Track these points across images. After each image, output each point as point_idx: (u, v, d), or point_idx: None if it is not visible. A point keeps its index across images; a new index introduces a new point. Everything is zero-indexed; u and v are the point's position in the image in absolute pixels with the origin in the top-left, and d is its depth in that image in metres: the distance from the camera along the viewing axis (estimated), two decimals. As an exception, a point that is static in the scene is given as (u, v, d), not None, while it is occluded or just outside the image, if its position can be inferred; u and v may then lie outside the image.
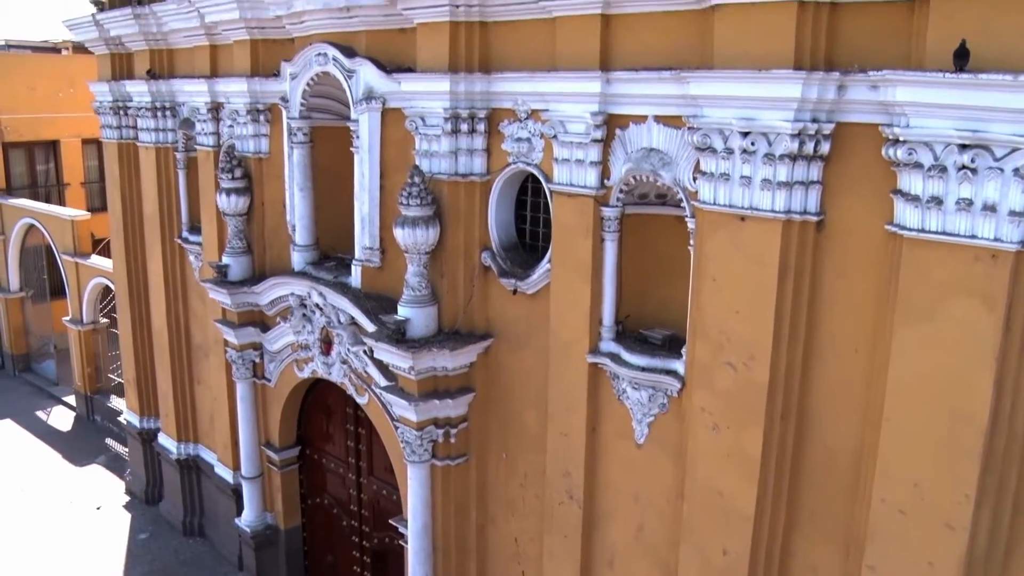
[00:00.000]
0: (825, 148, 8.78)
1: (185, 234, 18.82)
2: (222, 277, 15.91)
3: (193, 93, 17.28)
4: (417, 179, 12.07)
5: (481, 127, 11.94)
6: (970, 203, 7.70)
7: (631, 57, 10.19)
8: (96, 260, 26.19)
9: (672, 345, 10.77)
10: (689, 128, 9.50)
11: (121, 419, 23.63)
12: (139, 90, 18.65)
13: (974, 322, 7.83)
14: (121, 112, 19.67)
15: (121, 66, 19.60)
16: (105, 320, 27.00)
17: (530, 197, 12.49)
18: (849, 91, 8.52)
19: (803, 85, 8.43)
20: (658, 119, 10.08)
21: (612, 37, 10.32)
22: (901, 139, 7.95)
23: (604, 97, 10.34)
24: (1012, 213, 7.49)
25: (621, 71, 10.13)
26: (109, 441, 25.52)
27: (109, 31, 18.79)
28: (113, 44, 19.24)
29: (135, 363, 21.05)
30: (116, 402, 26.37)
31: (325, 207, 15.10)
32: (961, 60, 7.46)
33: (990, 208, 7.60)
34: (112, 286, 23.18)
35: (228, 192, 15.54)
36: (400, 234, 12.16)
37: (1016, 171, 7.42)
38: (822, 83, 8.46)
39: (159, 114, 18.42)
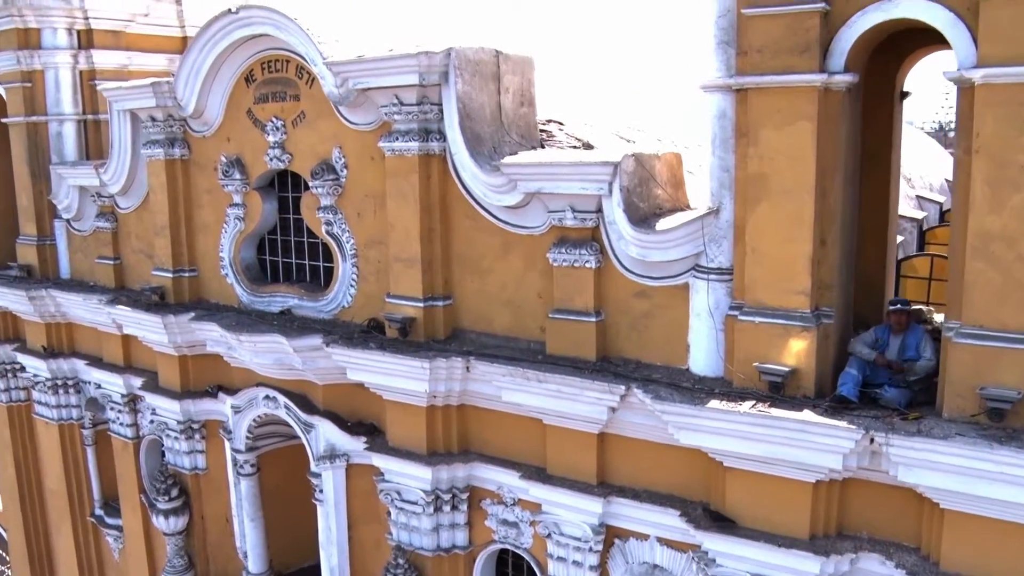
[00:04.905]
0: (839, 607, 9.16)
1: (99, 512, 17.38)
2: (163, 599, 14.84)
3: (104, 381, 15.97)
4: (401, 560, 11.69)
5: (463, 506, 11.67)
6: None
7: (631, 476, 10.26)
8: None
9: None
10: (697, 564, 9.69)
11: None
12: (34, 364, 17.04)
13: None
14: (9, 375, 17.95)
15: (6, 329, 17.88)
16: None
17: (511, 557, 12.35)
18: (861, 561, 8.92)
19: (822, 564, 8.76)
20: (661, 541, 10.19)
21: (610, 455, 10.34)
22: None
23: (604, 513, 10.36)
24: None
25: (622, 498, 10.17)
26: None
27: (-6, 300, 17.12)
28: (-3, 308, 17.56)
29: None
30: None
31: (278, 527, 14.35)
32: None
33: None
34: None
35: (166, 514, 14.50)
36: (388, 617, 11.74)
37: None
38: (838, 563, 8.82)
39: (60, 391, 16.91)
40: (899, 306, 9.09)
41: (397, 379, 11.12)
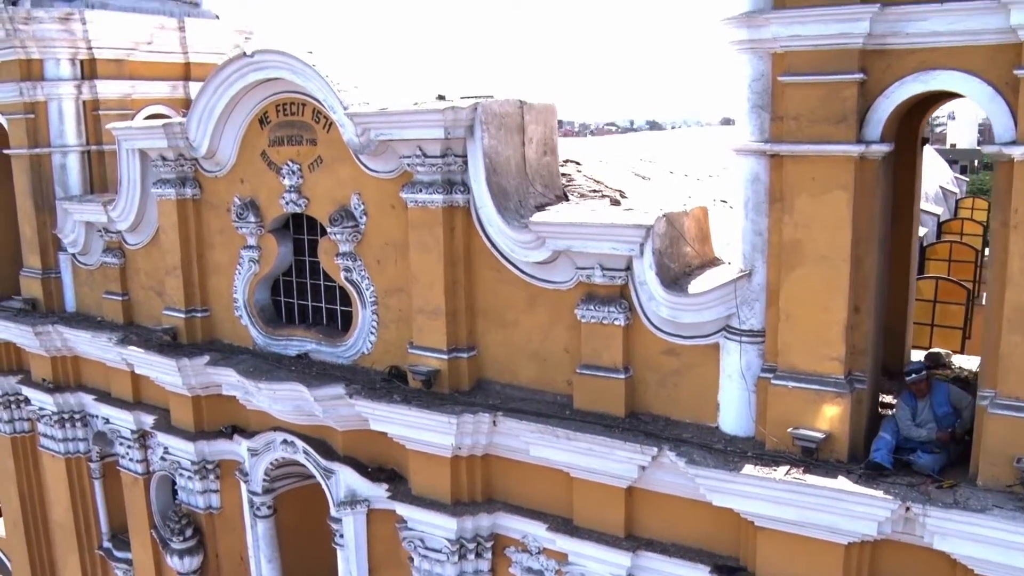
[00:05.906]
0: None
1: (107, 545, 17.26)
2: (178, 638, 14.78)
3: (113, 416, 15.82)
4: (427, 610, 11.70)
5: (487, 554, 11.67)
6: None
7: (660, 531, 10.28)
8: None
9: None
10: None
11: None
12: (40, 398, 16.84)
13: None
14: (12, 406, 17.76)
15: (9, 360, 17.68)
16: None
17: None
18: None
19: (853, 625, 8.87)
20: (691, 598, 10.26)
21: (638, 509, 10.36)
22: None
23: (632, 567, 10.38)
24: None
25: (650, 552, 10.20)
26: None
27: (-2, 334, 16.91)
28: (-1, 340, 17.35)
29: None
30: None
31: (295, 567, 14.31)
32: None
33: None
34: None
35: (180, 554, 14.43)
36: (413, 670, 11.75)
37: None
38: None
39: (67, 425, 16.73)
40: (915, 376, 9.11)
41: (422, 432, 11.08)
